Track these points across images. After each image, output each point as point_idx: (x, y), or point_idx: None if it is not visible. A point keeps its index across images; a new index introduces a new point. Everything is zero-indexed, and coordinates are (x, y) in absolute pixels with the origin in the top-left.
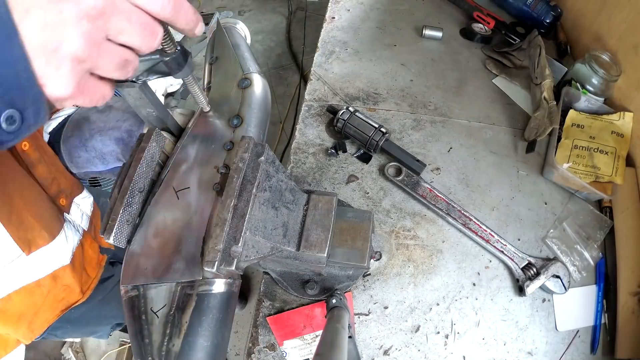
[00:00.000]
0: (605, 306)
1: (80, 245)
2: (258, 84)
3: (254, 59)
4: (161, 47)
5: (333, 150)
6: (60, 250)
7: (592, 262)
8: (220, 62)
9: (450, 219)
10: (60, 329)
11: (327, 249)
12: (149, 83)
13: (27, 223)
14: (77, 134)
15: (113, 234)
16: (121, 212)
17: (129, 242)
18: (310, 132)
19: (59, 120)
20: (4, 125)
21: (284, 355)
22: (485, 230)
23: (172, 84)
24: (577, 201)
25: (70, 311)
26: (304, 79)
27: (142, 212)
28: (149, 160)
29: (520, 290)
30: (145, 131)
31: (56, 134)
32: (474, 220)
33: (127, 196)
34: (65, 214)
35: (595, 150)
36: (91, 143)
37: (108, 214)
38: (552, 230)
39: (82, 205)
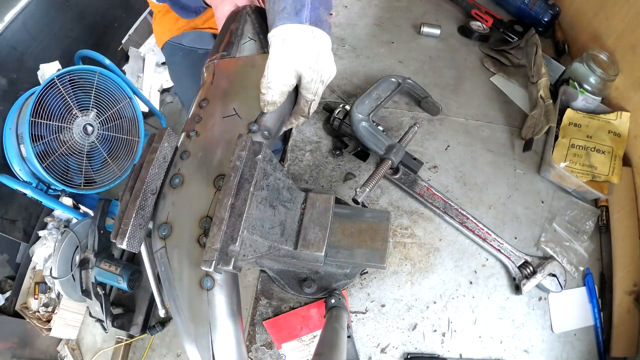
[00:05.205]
0: (600, 305)
1: None
2: None
3: None
4: None
5: (339, 151)
6: None
7: (586, 255)
8: None
9: (447, 217)
10: None
11: (324, 247)
12: (147, 77)
13: None
14: None
15: (126, 239)
16: (134, 216)
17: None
18: (307, 130)
19: None
20: None
21: (283, 358)
22: (482, 229)
23: (168, 79)
24: (562, 197)
25: None
26: None
27: (153, 215)
28: (161, 161)
29: (517, 289)
30: None
31: None
32: (471, 218)
33: (139, 199)
34: None
35: (592, 149)
36: None
37: (120, 218)
38: (544, 234)
39: None
